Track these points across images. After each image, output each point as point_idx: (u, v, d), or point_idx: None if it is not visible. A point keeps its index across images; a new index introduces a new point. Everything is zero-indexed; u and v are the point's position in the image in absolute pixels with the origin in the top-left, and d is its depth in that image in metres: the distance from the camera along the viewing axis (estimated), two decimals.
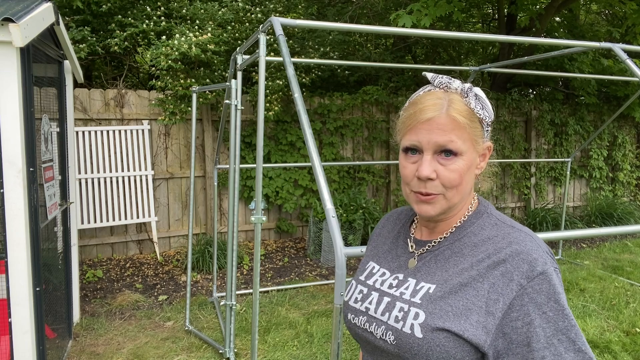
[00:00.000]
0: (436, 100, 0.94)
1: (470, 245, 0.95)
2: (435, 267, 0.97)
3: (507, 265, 0.88)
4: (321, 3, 7.89)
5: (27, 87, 2.43)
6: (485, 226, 0.97)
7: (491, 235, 0.95)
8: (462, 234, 0.98)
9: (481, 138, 0.97)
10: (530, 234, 0.94)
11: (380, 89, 6.74)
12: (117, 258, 5.56)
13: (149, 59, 5.30)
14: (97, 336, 3.78)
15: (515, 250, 0.89)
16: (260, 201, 2.62)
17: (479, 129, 0.96)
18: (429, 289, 0.94)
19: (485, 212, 1.00)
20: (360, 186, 6.70)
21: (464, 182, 0.95)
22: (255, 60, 2.92)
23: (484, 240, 0.95)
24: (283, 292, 4.76)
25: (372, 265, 1.09)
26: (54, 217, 3.14)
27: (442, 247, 0.99)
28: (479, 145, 0.97)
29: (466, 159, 0.94)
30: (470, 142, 0.95)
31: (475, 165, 0.97)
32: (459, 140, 0.93)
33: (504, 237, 0.93)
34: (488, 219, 0.99)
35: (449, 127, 0.92)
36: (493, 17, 8.86)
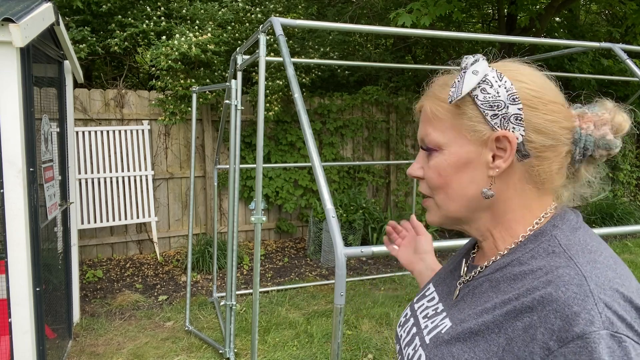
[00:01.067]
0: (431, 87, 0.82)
1: (510, 277, 0.70)
2: (469, 301, 0.75)
3: (533, 315, 0.62)
4: (321, 3, 7.89)
5: (27, 87, 2.43)
6: (538, 253, 0.70)
7: (536, 267, 0.68)
8: (507, 262, 0.73)
9: (482, 125, 0.73)
10: (592, 273, 0.63)
11: (380, 89, 6.74)
12: (117, 258, 5.56)
13: (149, 59, 5.30)
14: (97, 336, 3.78)
15: (548, 295, 0.62)
16: (260, 201, 2.62)
17: (474, 116, 0.73)
18: (444, 327, 0.76)
19: (550, 233, 0.72)
20: (360, 186, 6.70)
21: (451, 184, 0.76)
22: (255, 60, 2.92)
23: (525, 274, 0.68)
24: (283, 292, 4.76)
25: (429, 286, 0.93)
26: (54, 217, 3.14)
27: (483, 276, 0.76)
28: (480, 134, 0.73)
29: (449, 154, 0.75)
30: (456, 132, 0.75)
31: (482, 163, 0.74)
32: (436, 132, 0.76)
33: (547, 273, 0.65)
34: (548, 242, 0.70)
35: (427, 118, 0.79)
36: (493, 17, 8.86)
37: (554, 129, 0.72)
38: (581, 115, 0.74)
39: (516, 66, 0.76)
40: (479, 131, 0.73)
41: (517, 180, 0.74)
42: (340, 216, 5.67)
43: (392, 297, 4.62)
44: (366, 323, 4.04)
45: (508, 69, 0.75)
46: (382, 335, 3.84)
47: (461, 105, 0.74)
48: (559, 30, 7.86)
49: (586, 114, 0.74)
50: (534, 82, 0.73)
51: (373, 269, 5.52)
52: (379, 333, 3.88)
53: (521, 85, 0.72)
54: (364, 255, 1.54)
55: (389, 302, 4.48)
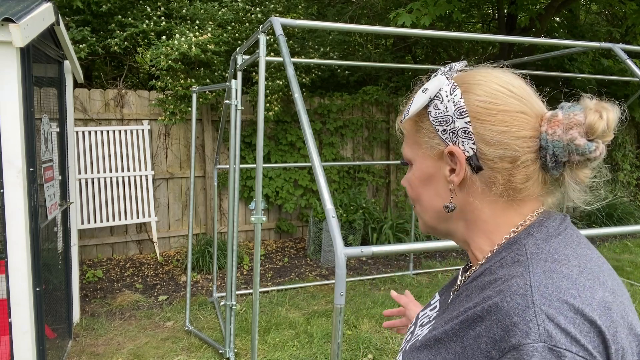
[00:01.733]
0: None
1: (479, 287, 0.69)
2: (450, 309, 0.75)
3: (482, 325, 0.62)
4: (321, 3, 7.90)
5: (27, 87, 2.43)
6: (506, 262, 0.69)
7: (498, 277, 0.67)
8: (481, 271, 0.72)
9: (435, 139, 0.74)
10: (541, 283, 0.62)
11: (380, 89, 6.74)
12: (117, 258, 5.56)
13: (149, 59, 5.30)
14: (97, 336, 3.78)
15: (495, 305, 0.62)
16: (260, 201, 2.62)
17: (424, 130, 0.76)
18: (421, 335, 0.76)
19: (522, 241, 0.70)
20: (360, 186, 6.70)
21: (422, 197, 0.79)
22: (255, 60, 2.92)
23: (490, 283, 0.67)
24: (283, 292, 4.76)
25: (435, 295, 0.91)
26: (54, 217, 3.14)
27: (464, 285, 0.76)
28: (434, 149, 0.75)
29: (416, 168, 0.79)
30: (417, 146, 0.78)
31: (443, 177, 0.75)
32: (407, 147, 0.81)
33: (503, 282, 0.65)
34: (516, 251, 0.69)
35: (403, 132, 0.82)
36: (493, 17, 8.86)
37: (505, 139, 0.69)
38: (550, 118, 0.70)
39: (476, 75, 0.74)
40: (434, 147, 0.75)
41: (481, 192, 0.72)
42: (340, 216, 5.67)
43: (392, 297, 4.62)
44: (366, 323, 4.04)
45: (467, 80, 0.74)
46: (382, 335, 3.84)
47: (419, 121, 0.76)
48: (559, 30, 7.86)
49: (556, 116, 0.69)
50: (486, 92, 0.71)
51: (373, 269, 5.52)
52: (379, 333, 3.88)
53: (471, 97, 0.71)
54: (364, 255, 1.54)
55: (389, 302, 4.48)
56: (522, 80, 0.75)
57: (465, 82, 0.74)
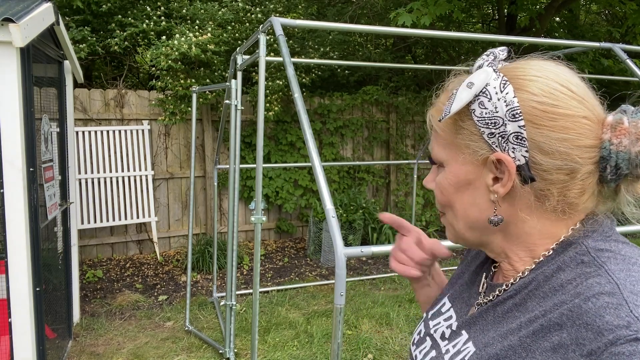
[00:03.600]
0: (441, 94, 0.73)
1: (538, 296, 0.62)
2: (491, 322, 0.68)
3: (562, 333, 0.56)
4: (321, 3, 7.89)
5: (27, 87, 2.43)
6: (565, 264, 0.62)
7: (567, 280, 0.60)
8: (532, 277, 0.65)
9: (479, 143, 0.65)
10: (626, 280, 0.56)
11: (380, 89, 6.74)
12: (117, 258, 5.56)
13: (149, 59, 5.30)
14: (97, 336, 3.78)
15: (577, 308, 0.56)
16: (260, 201, 2.62)
17: (467, 132, 0.66)
18: (468, 353, 0.68)
19: (578, 241, 0.63)
20: (360, 186, 6.70)
21: (455, 204, 0.70)
22: (255, 60, 2.92)
23: (554, 289, 0.61)
24: (283, 292, 4.76)
25: (444, 301, 0.83)
26: (54, 217, 3.14)
27: (504, 295, 0.68)
28: (477, 154, 0.65)
29: (449, 172, 0.69)
30: (455, 149, 0.68)
31: (483, 185, 0.66)
32: (438, 147, 0.71)
33: (577, 285, 0.58)
34: (575, 252, 0.62)
35: (433, 130, 0.72)
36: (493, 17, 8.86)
37: (565, 148, 0.61)
38: (614, 125, 0.61)
39: (530, 69, 0.65)
40: (476, 151, 0.65)
41: (529, 205, 0.64)
42: (340, 216, 5.67)
43: (392, 297, 4.62)
44: (366, 323, 4.04)
45: (519, 74, 0.64)
46: (382, 335, 3.84)
47: (459, 120, 0.66)
48: (559, 30, 7.86)
49: (621, 124, 0.60)
50: (544, 90, 0.62)
51: (373, 269, 5.52)
52: (379, 333, 3.88)
53: (526, 96, 0.62)
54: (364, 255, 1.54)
55: (389, 302, 4.48)
56: (579, 77, 0.66)
57: (516, 77, 0.63)
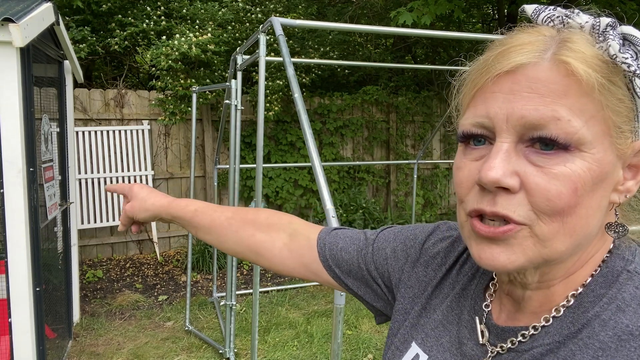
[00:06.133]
0: (537, 37, 0.49)
1: (594, 347, 0.47)
2: None
3: None
4: (321, 3, 7.89)
5: (27, 87, 2.43)
6: (626, 304, 0.48)
7: (637, 327, 0.46)
8: (580, 323, 0.49)
9: (628, 124, 0.48)
10: None
11: (380, 89, 6.74)
12: (117, 258, 5.56)
13: (149, 59, 5.30)
14: (97, 336, 3.78)
15: None
16: (260, 201, 2.62)
17: (625, 105, 0.48)
18: None
19: (626, 269, 0.50)
20: (360, 186, 6.70)
21: (581, 210, 0.47)
22: (255, 60, 2.92)
23: (621, 338, 0.46)
24: (283, 292, 4.76)
25: (416, 351, 0.63)
26: (54, 217, 3.14)
27: (538, 347, 0.51)
28: (625, 138, 0.48)
29: (591, 159, 0.46)
30: (604, 125, 0.47)
31: (612, 181, 0.49)
32: (577, 118, 0.46)
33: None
34: (631, 285, 0.49)
35: (554, 90, 0.46)
36: (493, 17, 8.86)
37: None
38: None
39: None
40: (625, 133, 0.48)
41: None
42: (340, 216, 5.67)
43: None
44: (366, 323, 4.04)
45: None
46: (382, 335, 3.84)
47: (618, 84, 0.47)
48: None
49: None
50: None
51: None
52: (379, 333, 3.88)
53: None
54: None
55: None
56: None
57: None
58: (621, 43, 0.47)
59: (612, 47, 0.46)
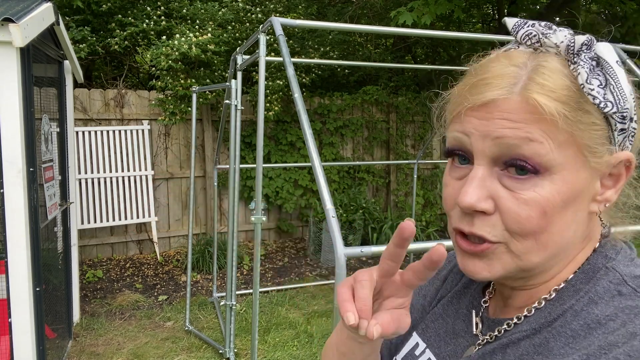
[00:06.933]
0: (510, 68, 0.52)
1: (566, 335, 0.51)
2: None
3: None
4: (321, 3, 7.89)
5: (27, 87, 2.43)
6: (599, 296, 0.52)
7: (605, 316, 0.50)
8: (556, 313, 0.54)
9: (603, 144, 0.52)
10: None
11: (380, 89, 6.74)
12: (117, 258, 5.56)
13: (149, 59, 5.30)
14: (97, 336, 3.78)
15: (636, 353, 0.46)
16: (260, 201, 2.62)
17: (597, 127, 0.51)
18: None
19: (604, 266, 0.54)
20: (360, 186, 6.70)
21: (552, 227, 0.51)
22: (255, 60, 2.92)
23: (589, 327, 0.50)
24: (283, 292, 4.75)
25: (416, 340, 0.68)
26: (54, 217, 3.14)
27: (518, 333, 0.56)
28: (599, 157, 0.52)
29: (561, 182, 0.50)
30: (575, 149, 0.50)
31: (590, 194, 0.53)
32: (548, 141, 0.49)
33: (625, 322, 0.48)
34: (606, 280, 0.53)
35: (525, 118, 0.50)
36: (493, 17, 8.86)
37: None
38: None
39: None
40: (599, 152, 0.51)
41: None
42: (340, 216, 5.67)
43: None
44: None
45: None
46: None
47: (586, 108, 0.50)
48: None
49: None
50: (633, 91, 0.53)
51: None
52: None
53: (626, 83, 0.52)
54: (364, 255, 1.54)
55: None
56: None
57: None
58: (593, 66, 0.50)
59: (580, 76, 0.50)
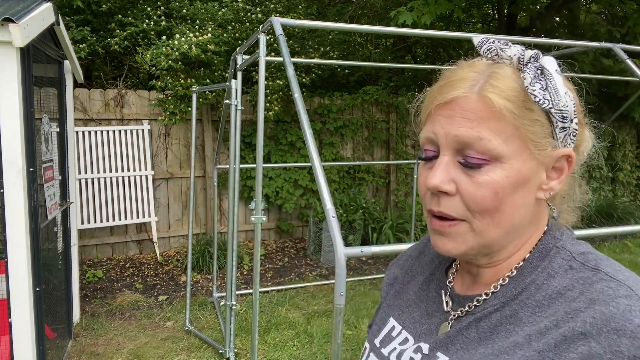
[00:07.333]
0: (471, 73, 0.63)
1: (532, 306, 0.61)
2: (476, 339, 0.64)
3: (590, 342, 0.53)
4: (321, 3, 7.89)
5: (27, 87, 2.43)
6: (555, 271, 0.62)
7: (563, 287, 0.60)
8: (520, 288, 0.63)
9: (546, 139, 0.62)
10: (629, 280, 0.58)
11: (380, 89, 6.74)
12: (117, 258, 5.56)
13: (149, 59, 5.30)
14: (97, 336, 3.78)
15: (600, 315, 0.54)
16: (260, 201, 2.62)
17: (540, 124, 0.62)
18: None
19: (555, 246, 0.65)
20: (360, 186, 6.70)
21: (504, 207, 0.62)
22: (255, 60, 2.92)
23: (551, 297, 0.60)
24: (283, 292, 4.75)
25: (392, 324, 0.77)
26: (54, 217, 3.14)
27: (489, 307, 0.65)
28: (543, 150, 0.62)
29: (511, 169, 0.61)
30: (520, 142, 0.61)
31: (537, 182, 0.63)
32: (496, 138, 0.60)
33: (582, 291, 0.58)
34: (559, 257, 0.63)
35: (479, 116, 0.60)
36: (493, 17, 8.86)
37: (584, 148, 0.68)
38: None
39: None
40: (543, 145, 0.62)
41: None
42: (340, 216, 5.67)
43: None
44: (366, 323, 4.04)
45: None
46: None
47: (532, 109, 0.61)
48: (559, 30, 7.86)
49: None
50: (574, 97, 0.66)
51: (373, 269, 5.52)
52: None
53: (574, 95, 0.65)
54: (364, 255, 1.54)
55: None
56: None
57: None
58: (537, 74, 0.61)
59: (525, 80, 0.61)
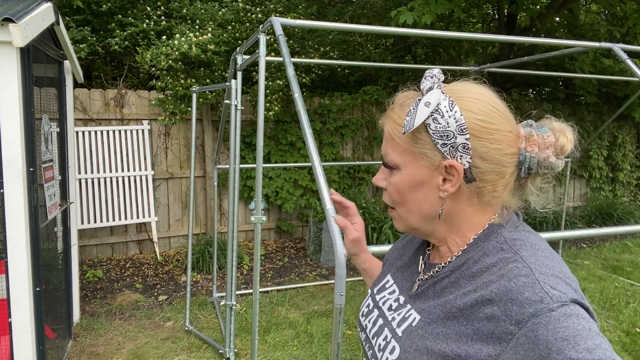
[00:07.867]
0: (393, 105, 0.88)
1: (467, 275, 0.80)
2: (432, 296, 0.84)
3: (493, 306, 0.71)
4: (321, 3, 7.89)
5: (27, 87, 2.42)
6: (489, 251, 0.80)
7: (491, 264, 0.77)
8: (462, 261, 0.82)
9: (432, 151, 0.80)
10: (535, 264, 0.74)
11: (380, 89, 6.74)
12: (117, 258, 5.56)
13: (149, 59, 5.29)
14: (97, 336, 3.78)
15: (503, 287, 0.72)
16: (260, 201, 2.62)
17: (423, 141, 0.80)
18: (414, 320, 0.84)
19: (495, 231, 0.82)
20: (360, 186, 6.70)
21: (408, 201, 0.85)
22: (255, 60, 2.92)
23: (482, 271, 0.78)
24: (283, 292, 4.75)
25: (388, 278, 1.01)
26: (54, 217, 3.14)
27: (442, 274, 0.85)
28: (429, 160, 0.81)
29: (405, 174, 0.84)
30: (411, 155, 0.82)
31: (434, 184, 0.82)
32: (394, 153, 0.85)
33: (500, 268, 0.75)
34: (495, 240, 0.81)
35: (387, 138, 0.86)
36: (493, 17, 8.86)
37: (498, 155, 0.79)
38: (528, 137, 0.80)
39: (469, 92, 0.81)
40: (430, 158, 0.81)
41: (467, 198, 0.82)
42: None
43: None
44: None
45: (461, 95, 0.80)
46: None
47: (416, 132, 0.81)
48: (559, 30, 7.85)
49: (532, 136, 0.80)
50: (483, 111, 0.79)
51: None
52: None
53: (470, 115, 0.78)
54: None
55: None
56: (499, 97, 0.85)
57: (460, 98, 0.80)
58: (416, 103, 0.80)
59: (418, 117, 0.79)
